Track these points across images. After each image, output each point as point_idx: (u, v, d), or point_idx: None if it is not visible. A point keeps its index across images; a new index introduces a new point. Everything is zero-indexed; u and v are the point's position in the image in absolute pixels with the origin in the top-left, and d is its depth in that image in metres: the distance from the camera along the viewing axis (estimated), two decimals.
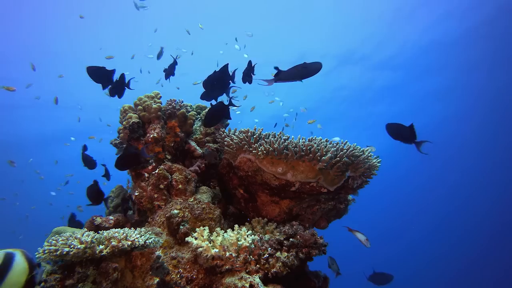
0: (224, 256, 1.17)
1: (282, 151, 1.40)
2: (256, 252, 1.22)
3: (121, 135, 1.74)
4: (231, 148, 1.58)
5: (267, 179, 1.48)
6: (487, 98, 11.01)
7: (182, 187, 1.58)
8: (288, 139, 1.52)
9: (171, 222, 1.39)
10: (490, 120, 12.35)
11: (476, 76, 9.98)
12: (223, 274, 1.20)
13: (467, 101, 11.39)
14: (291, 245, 1.26)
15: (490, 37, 8.38)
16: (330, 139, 1.57)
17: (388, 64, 9.49)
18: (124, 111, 1.79)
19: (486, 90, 10.56)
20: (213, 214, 1.47)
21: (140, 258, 1.19)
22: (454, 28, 8.24)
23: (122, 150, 1.97)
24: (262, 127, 1.64)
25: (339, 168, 1.39)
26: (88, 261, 1.09)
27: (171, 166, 1.64)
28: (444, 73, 9.91)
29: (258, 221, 1.49)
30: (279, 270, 1.18)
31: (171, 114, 1.84)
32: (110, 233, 1.11)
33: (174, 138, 1.80)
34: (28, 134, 10.04)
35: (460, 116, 12.50)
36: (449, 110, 12.10)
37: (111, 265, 1.09)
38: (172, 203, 1.52)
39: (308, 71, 1.34)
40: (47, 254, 1.01)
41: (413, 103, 11.90)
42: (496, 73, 9.68)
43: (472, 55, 8.98)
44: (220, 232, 1.26)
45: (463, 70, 9.68)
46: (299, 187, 1.44)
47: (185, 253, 1.31)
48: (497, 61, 9.20)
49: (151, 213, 1.57)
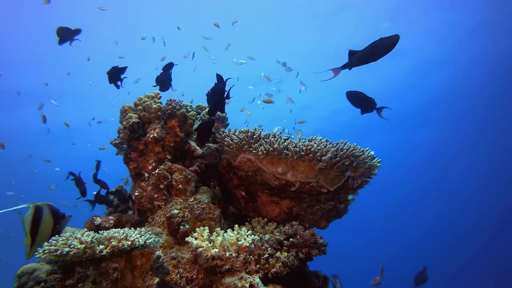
0: (224, 256, 1.17)
1: (282, 151, 1.40)
2: (256, 252, 1.22)
3: (121, 135, 1.74)
4: (231, 148, 1.58)
5: (267, 179, 1.48)
6: (487, 96, 11.01)
7: (182, 187, 1.58)
8: (288, 139, 1.53)
9: (171, 222, 1.39)
10: (490, 120, 12.35)
11: (476, 75, 9.98)
12: (223, 274, 1.20)
13: (467, 100, 11.39)
14: (291, 245, 1.26)
15: (489, 36, 8.39)
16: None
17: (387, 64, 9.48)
18: (124, 111, 1.80)
19: (487, 88, 10.56)
20: (213, 214, 1.47)
21: (140, 258, 1.19)
22: (455, 29, 8.25)
23: (122, 150, 1.97)
24: (262, 127, 1.64)
25: (339, 168, 1.39)
26: (88, 261, 1.09)
27: (171, 166, 1.64)
28: (444, 72, 9.91)
29: (258, 221, 1.49)
30: (279, 270, 1.18)
31: (171, 114, 1.84)
32: (110, 233, 1.11)
33: (174, 138, 1.80)
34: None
35: (460, 116, 12.51)
36: (449, 109, 12.11)
37: (111, 265, 1.09)
38: (172, 203, 1.52)
39: (384, 48, 1.18)
40: (47, 254, 1.01)
41: (413, 103, 11.90)
42: (496, 72, 9.68)
43: (472, 54, 8.98)
44: (220, 232, 1.26)
45: (463, 69, 9.69)
46: (299, 187, 1.44)
47: (185, 253, 1.31)
48: (496, 60, 9.20)
49: (151, 213, 1.57)
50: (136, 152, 1.73)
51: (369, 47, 1.23)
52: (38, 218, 1.12)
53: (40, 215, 1.13)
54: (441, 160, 16.26)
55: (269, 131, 1.67)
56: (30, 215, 1.11)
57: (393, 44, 1.18)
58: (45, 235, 1.13)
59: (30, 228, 1.09)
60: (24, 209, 1.11)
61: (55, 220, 1.16)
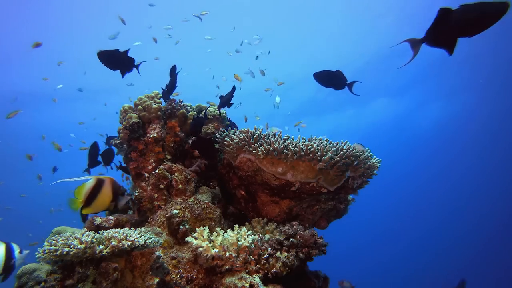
0: (224, 256, 1.17)
1: (282, 151, 1.40)
2: (256, 252, 1.22)
3: (121, 135, 1.74)
4: (231, 148, 1.58)
5: (267, 179, 1.48)
6: (489, 98, 11.00)
7: (182, 187, 1.58)
8: (288, 139, 1.52)
9: (171, 222, 1.39)
10: (490, 120, 12.35)
11: (478, 76, 9.97)
12: (223, 274, 1.20)
13: (469, 101, 11.39)
14: (291, 245, 1.26)
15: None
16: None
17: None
18: (124, 111, 1.80)
19: (488, 90, 10.56)
20: (213, 214, 1.47)
21: (140, 258, 1.19)
22: None
23: (122, 150, 1.97)
24: (261, 127, 1.64)
25: (339, 168, 1.39)
26: (88, 261, 1.09)
27: (171, 166, 1.64)
28: (446, 73, 9.90)
29: (258, 221, 1.49)
30: (279, 270, 1.18)
31: (171, 114, 1.84)
32: (110, 233, 1.11)
33: (174, 138, 1.80)
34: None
35: (461, 116, 12.50)
36: (450, 110, 12.11)
37: (111, 265, 1.09)
38: (172, 203, 1.52)
39: (490, 17, 0.83)
40: (47, 254, 1.01)
41: (414, 104, 11.90)
42: (498, 74, 9.67)
43: (472, 55, 8.97)
44: (220, 232, 1.26)
45: (464, 69, 9.68)
46: (299, 187, 1.44)
47: (185, 253, 1.31)
48: (497, 62, 9.19)
49: (151, 213, 1.57)
50: (136, 152, 1.73)
51: (470, 11, 0.85)
52: (98, 188, 1.16)
53: (100, 186, 1.17)
54: (441, 160, 16.26)
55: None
56: (91, 183, 1.16)
57: (502, 13, 0.83)
58: (101, 205, 1.19)
59: (88, 195, 1.14)
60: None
61: (114, 195, 1.21)
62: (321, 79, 1.56)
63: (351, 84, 1.53)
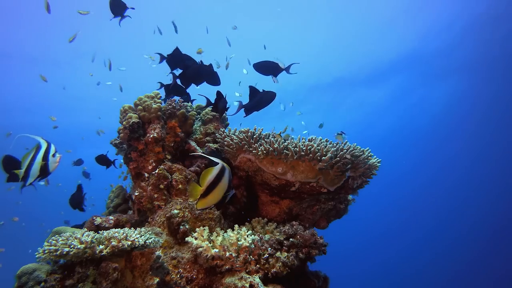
0: (224, 256, 1.17)
1: (282, 151, 1.40)
2: (256, 252, 1.22)
3: (121, 135, 1.74)
4: (231, 148, 1.58)
5: (267, 179, 1.48)
6: (486, 98, 11.00)
7: (182, 187, 1.58)
8: (288, 139, 1.53)
9: (171, 222, 1.39)
10: (490, 120, 12.35)
11: (477, 76, 9.97)
12: (223, 274, 1.20)
13: (468, 100, 11.39)
14: (291, 245, 1.26)
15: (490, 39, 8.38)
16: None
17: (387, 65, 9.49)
18: (124, 111, 1.79)
19: (485, 89, 10.56)
20: (213, 214, 1.47)
21: (140, 258, 1.19)
22: (455, 31, 8.25)
23: (122, 150, 1.98)
24: (262, 127, 1.64)
25: (339, 168, 1.39)
26: (88, 261, 1.09)
27: (171, 166, 1.64)
28: (445, 73, 9.91)
29: (258, 221, 1.49)
30: (279, 270, 1.18)
31: (171, 114, 1.84)
32: (110, 233, 1.11)
33: (174, 138, 1.80)
34: None
35: (460, 116, 12.50)
36: (449, 109, 12.10)
37: (111, 265, 1.08)
38: (172, 203, 1.52)
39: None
40: (47, 254, 1.01)
41: (413, 104, 11.89)
42: (496, 73, 9.68)
43: (473, 56, 8.98)
44: (220, 232, 1.26)
45: (464, 69, 9.68)
46: (299, 187, 1.44)
47: (185, 253, 1.31)
48: (496, 63, 9.20)
49: (151, 213, 1.57)
50: (136, 152, 1.73)
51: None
52: (220, 177, 1.06)
53: (223, 174, 1.07)
54: (441, 160, 16.26)
55: None
56: (216, 170, 1.05)
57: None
58: (217, 196, 1.09)
59: (210, 182, 1.03)
60: None
61: (229, 186, 1.12)
62: (260, 69, 1.67)
63: (288, 68, 1.65)
